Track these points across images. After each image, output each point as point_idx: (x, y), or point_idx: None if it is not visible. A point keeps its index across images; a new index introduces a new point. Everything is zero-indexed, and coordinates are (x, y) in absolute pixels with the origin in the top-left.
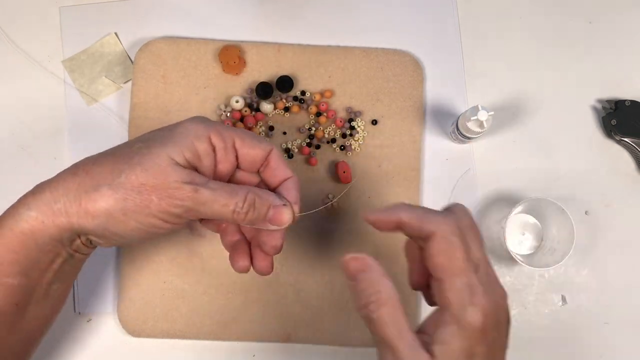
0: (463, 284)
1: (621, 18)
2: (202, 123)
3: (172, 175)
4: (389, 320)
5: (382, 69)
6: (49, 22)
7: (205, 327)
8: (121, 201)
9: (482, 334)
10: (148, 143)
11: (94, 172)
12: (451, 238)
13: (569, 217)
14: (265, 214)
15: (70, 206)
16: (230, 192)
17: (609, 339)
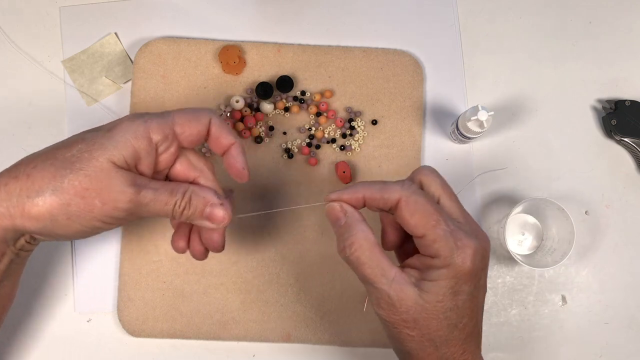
0: (445, 232)
1: (621, 18)
2: (140, 120)
3: (115, 180)
4: (366, 260)
5: (382, 69)
6: (49, 22)
7: (205, 327)
8: (65, 206)
9: (469, 274)
10: (88, 146)
11: (35, 177)
12: (416, 197)
13: (569, 217)
14: (202, 211)
15: (13, 210)
16: (170, 191)
17: (609, 339)
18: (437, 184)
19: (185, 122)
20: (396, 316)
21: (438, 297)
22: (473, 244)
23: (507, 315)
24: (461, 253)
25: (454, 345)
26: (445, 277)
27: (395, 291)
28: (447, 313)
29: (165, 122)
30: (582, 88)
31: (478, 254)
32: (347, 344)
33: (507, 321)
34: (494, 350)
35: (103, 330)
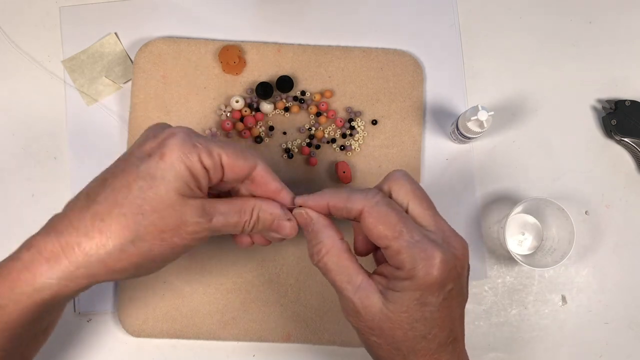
0: (408, 243)
1: (621, 18)
2: (189, 142)
3: (187, 214)
4: (333, 266)
5: (382, 69)
6: (49, 22)
7: (205, 327)
8: (147, 253)
9: (436, 285)
10: (148, 182)
11: (109, 231)
12: (379, 208)
13: (569, 217)
14: (270, 225)
15: (96, 269)
16: (238, 211)
17: (609, 339)
18: (406, 189)
19: (232, 155)
20: (362, 323)
21: (402, 307)
22: (440, 254)
23: (507, 315)
24: (425, 264)
25: (424, 355)
26: (409, 288)
27: (359, 299)
28: (414, 324)
29: (214, 148)
30: (582, 88)
31: (447, 263)
32: (347, 344)
33: (507, 321)
34: (494, 350)
35: (103, 330)
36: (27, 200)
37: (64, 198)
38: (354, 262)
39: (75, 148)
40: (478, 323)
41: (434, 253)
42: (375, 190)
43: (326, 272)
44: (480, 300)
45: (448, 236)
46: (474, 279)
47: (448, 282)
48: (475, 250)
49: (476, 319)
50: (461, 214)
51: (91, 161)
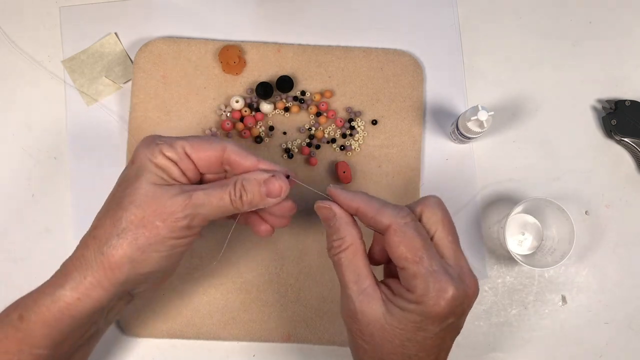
0: (426, 271)
1: (621, 18)
2: (151, 143)
3: (163, 196)
4: (347, 263)
5: (382, 69)
6: (49, 22)
7: (205, 327)
8: (134, 242)
9: (439, 316)
10: (125, 183)
11: (100, 234)
12: (405, 230)
13: (569, 217)
14: (258, 191)
15: (97, 274)
16: (220, 185)
17: (609, 339)
18: (437, 218)
19: (196, 145)
20: (355, 325)
21: (400, 325)
22: (452, 290)
23: (507, 315)
24: (436, 296)
25: None
26: (413, 311)
27: (360, 302)
28: (405, 342)
29: (174, 141)
30: (582, 88)
31: (456, 300)
32: (347, 344)
33: (507, 321)
34: (494, 350)
35: None
36: (27, 200)
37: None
38: (366, 265)
39: (75, 148)
40: (478, 323)
41: (448, 287)
42: (407, 210)
43: (338, 267)
44: (480, 300)
45: (464, 273)
46: None
47: (450, 316)
48: (475, 250)
49: (476, 319)
50: (461, 214)
51: (91, 161)
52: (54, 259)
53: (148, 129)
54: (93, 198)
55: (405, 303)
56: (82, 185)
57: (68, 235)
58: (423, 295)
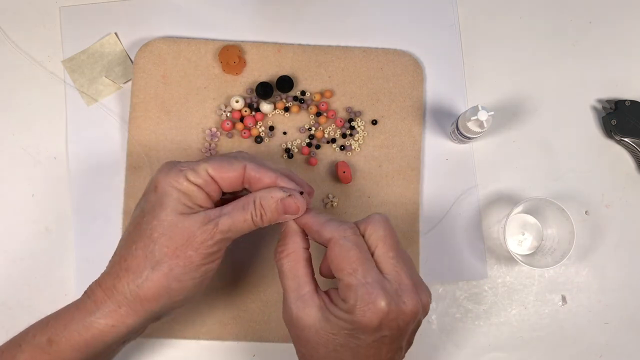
0: (358, 283)
1: (621, 18)
2: (174, 169)
3: (191, 226)
4: (287, 270)
5: (382, 69)
6: (49, 22)
7: (205, 327)
8: (170, 273)
9: (370, 328)
10: (151, 214)
11: (132, 267)
12: (345, 243)
13: (569, 217)
14: (276, 209)
15: (132, 304)
16: (241, 207)
17: (609, 339)
18: (378, 234)
19: (217, 167)
20: (292, 331)
21: (333, 330)
22: (383, 303)
23: (507, 315)
24: (365, 307)
25: None
26: (345, 320)
27: (297, 308)
28: (337, 348)
29: (198, 166)
30: (582, 88)
31: (386, 313)
32: None
33: (507, 321)
34: (494, 350)
35: None
36: (27, 200)
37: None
38: (308, 273)
39: (75, 148)
40: (478, 323)
41: (378, 299)
42: (350, 225)
43: (280, 273)
44: (480, 300)
45: (403, 290)
46: (474, 279)
47: (383, 329)
48: (475, 250)
49: (476, 319)
50: (461, 214)
51: (91, 161)
52: (54, 259)
53: (148, 129)
54: (93, 198)
55: (339, 311)
56: (82, 185)
57: (68, 235)
58: (353, 305)
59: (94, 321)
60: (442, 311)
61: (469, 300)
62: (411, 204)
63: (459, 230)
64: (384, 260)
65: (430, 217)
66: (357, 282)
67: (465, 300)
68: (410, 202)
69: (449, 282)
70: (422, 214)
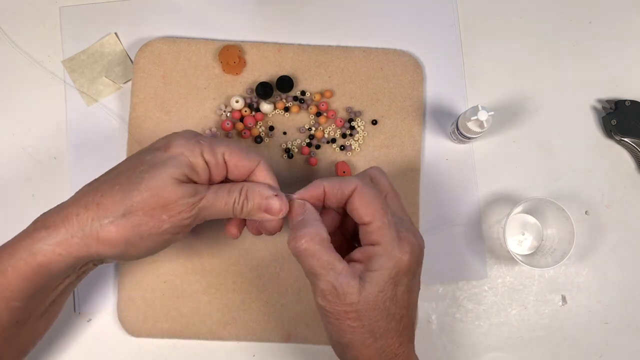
0: (390, 223)
1: (621, 18)
2: (193, 139)
3: (178, 194)
4: (316, 251)
5: (382, 69)
6: (49, 22)
7: (205, 327)
8: (137, 227)
9: (408, 267)
10: (151, 167)
11: (105, 204)
12: (369, 189)
13: (569, 217)
14: (259, 204)
15: (88, 239)
16: (228, 190)
17: (609, 339)
18: (385, 181)
19: (236, 153)
20: (340, 307)
21: (379, 286)
22: (412, 239)
23: (507, 315)
24: (401, 244)
25: (391, 337)
26: (386, 266)
27: (341, 284)
28: (387, 303)
29: (217, 146)
30: (582, 88)
31: (415, 248)
32: None
33: (507, 321)
34: (494, 350)
35: (103, 330)
36: (27, 200)
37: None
38: (334, 251)
39: (75, 148)
40: (478, 323)
41: (409, 237)
42: (366, 174)
43: (307, 256)
44: (480, 300)
45: (413, 229)
46: (474, 279)
47: (416, 266)
48: (475, 250)
49: (476, 319)
50: (461, 214)
51: (91, 161)
52: None
53: (148, 129)
54: None
55: (377, 262)
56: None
57: None
58: (390, 243)
59: (41, 247)
60: (442, 311)
61: (469, 300)
62: (411, 204)
63: (459, 230)
64: (395, 205)
65: (430, 217)
66: (389, 222)
67: (465, 300)
68: (410, 202)
69: (449, 282)
70: (422, 214)
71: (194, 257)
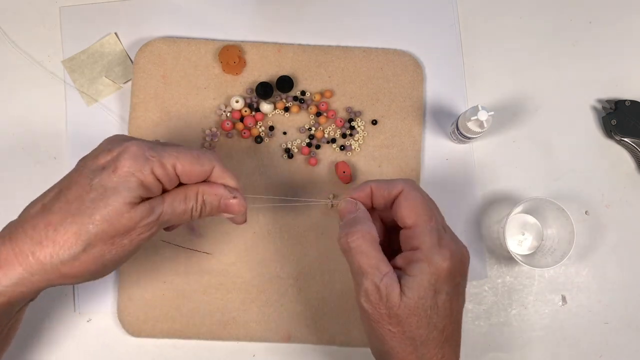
0: (432, 229)
1: (621, 18)
2: (142, 156)
3: (135, 218)
4: (366, 250)
5: (382, 69)
6: (49, 22)
7: (205, 327)
8: (99, 258)
9: (448, 274)
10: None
11: (61, 240)
12: (415, 192)
13: (569, 217)
14: (217, 206)
15: (49, 274)
16: (183, 199)
17: (609, 339)
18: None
19: (187, 163)
20: (382, 311)
21: (420, 292)
22: (453, 247)
23: (507, 315)
24: (441, 251)
25: (433, 347)
26: (426, 272)
27: (385, 286)
28: (428, 311)
29: (167, 159)
30: (582, 88)
31: (456, 256)
32: (347, 344)
33: (507, 321)
34: (494, 350)
35: (103, 330)
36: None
37: None
38: (382, 254)
39: (75, 148)
40: (478, 323)
41: (450, 244)
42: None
43: (358, 253)
44: (480, 300)
45: (456, 239)
46: (474, 279)
47: (456, 274)
48: (475, 250)
49: (476, 319)
50: (461, 214)
51: None
52: None
53: (148, 129)
54: None
55: (417, 267)
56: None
57: None
58: (430, 249)
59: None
60: None
61: (469, 300)
62: None
63: (459, 230)
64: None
65: None
66: (432, 228)
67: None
68: None
69: None
70: None
71: (194, 257)
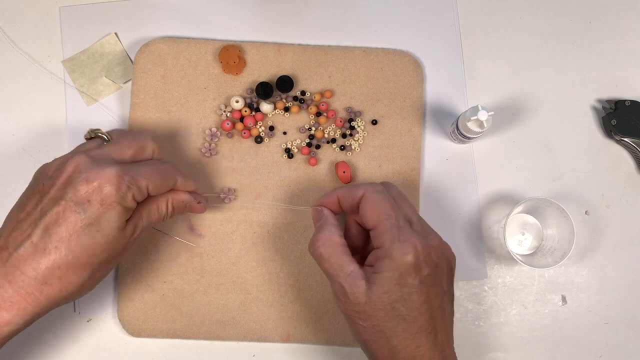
0: (392, 225)
1: (621, 18)
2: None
3: (125, 238)
4: (327, 256)
5: (382, 69)
6: (49, 22)
7: (205, 327)
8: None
9: (411, 267)
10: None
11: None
12: (377, 194)
13: (569, 217)
14: (184, 209)
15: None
16: (157, 209)
17: (609, 339)
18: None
19: (158, 184)
20: (349, 307)
21: (383, 287)
22: (415, 239)
23: (507, 315)
24: (402, 245)
25: (404, 339)
26: (388, 268)
27: (349, 285)
28: (394, 304)
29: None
30: (582, 88)
31: (421, 248)
32: (347, 344)
33: (507, 321)
34: (494, 350)
35: (103, 330)
36: None
37: None
38: (347, 254)
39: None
40: (478, 323)
41: (411, 237)
42: (379, 183)
43: (321, 260)
44: (480, 300)
45: (427, 230)
46: (474, 279)
47: (423, 266)
48: (475, 250)
49: (476, 319)
50: (461, 214)
51: None
52: None
53: (148, 129)
54: None
55: (380, 263)
56: None
57: None
58: (390, 246)
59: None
60: None
61: (469, 300)
62: None
63: (459, 230)
64: (407, 209)
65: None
66: (391, 226)
67: (465, 300)
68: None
69: None
70: (422, 214)
71: (194, 257)
